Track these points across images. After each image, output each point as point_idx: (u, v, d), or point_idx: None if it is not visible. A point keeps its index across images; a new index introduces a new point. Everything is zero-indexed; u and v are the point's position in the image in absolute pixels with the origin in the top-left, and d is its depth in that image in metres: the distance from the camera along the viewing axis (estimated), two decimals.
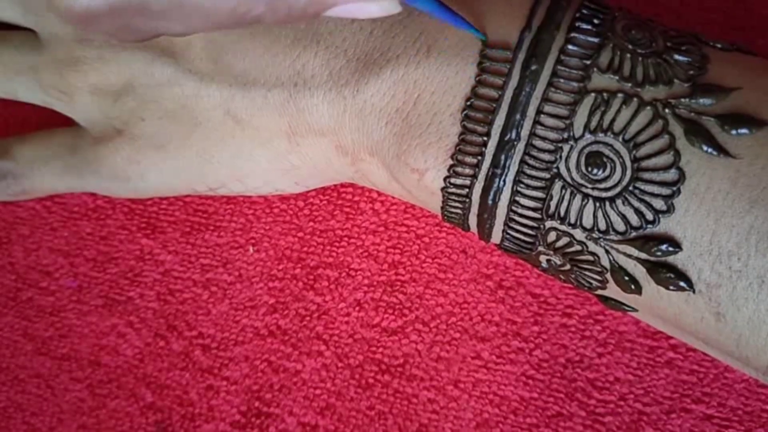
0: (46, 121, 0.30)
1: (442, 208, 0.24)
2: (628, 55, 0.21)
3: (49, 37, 0.27)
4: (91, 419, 0.29)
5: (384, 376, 0.28)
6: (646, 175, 0.20)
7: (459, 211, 0.24)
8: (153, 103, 0.26)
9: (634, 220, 0.21)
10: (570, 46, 0.21)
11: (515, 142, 0.22)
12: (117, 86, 0.26)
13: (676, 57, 0.21)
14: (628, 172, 0.20)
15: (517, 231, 0.23)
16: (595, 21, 0.22)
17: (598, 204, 0.21)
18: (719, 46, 0.22)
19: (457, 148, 0.22)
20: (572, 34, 0.21)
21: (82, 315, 0.29)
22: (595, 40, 0.21)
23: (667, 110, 0.20)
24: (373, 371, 0.28)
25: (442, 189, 0.23)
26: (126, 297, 0.29)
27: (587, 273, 0.23)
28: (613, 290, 0.23)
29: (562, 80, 0.21)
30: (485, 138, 0.22)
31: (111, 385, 0.29)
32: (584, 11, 0.22)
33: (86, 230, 0.30)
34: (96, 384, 0.29)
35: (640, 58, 0.21)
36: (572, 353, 0.27)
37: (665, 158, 0.20)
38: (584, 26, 0.21)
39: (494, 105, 0.22)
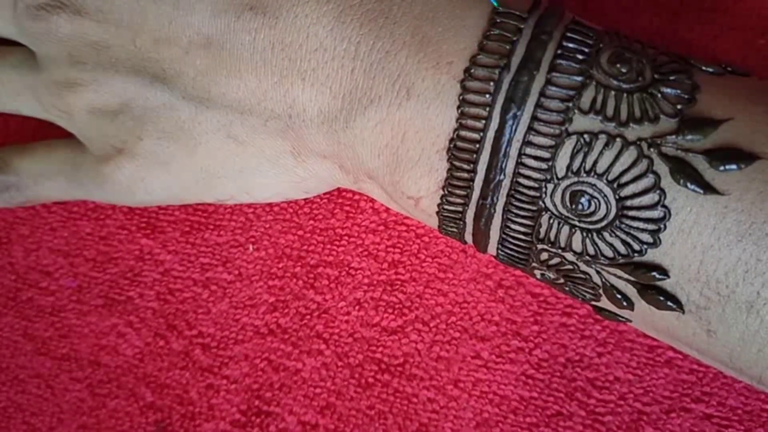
0: (42, 125, 0.30)
1: (439, 227, 0.24)
2: (612, 93, 0.20)
3: (45, 57, 0.27)
4: (91, 419, 0.29)
5: (384, 376, 0.28)
6: (632, 213, 0.20)
7: (455, 230, 0.24)
8: (150, 123, 0.26)
9: (622, 249, 0.20)
10: (550, 88, 0.21)
11: (501, 179, 0.21)
12: (114, 107, 0.26)
13: (664, 90, 0.20)
14: (613, 210, 0.20)
15: (511, 250, 0.23)
16: (578, 56, 0.21)
17: (585, 234, 0.21)
18: (711, 70, 0.21)
19: (447, 181, 0.22)
20: (553, 74, 0.21)
21: (81, 315, 0.29)
22: (578, 79, 0.21)
23: (652, 149, 0.20)
24: (373, 370, 0.28)
25: (437, 213, 0.24)
26: (126, 297, 0.29)
27: (581, 287, 0.23)
28: (606, 303, 0.23)
29: (542, 124, 0.21)
30: (472, 174, 0.22)
31: (111, 384, 0.29)
32: (567, 44, 0.21)
33: (86, 230, 0.30)
34: (96, 384, 0.29)
35: (624, 95, 0.20)
36: (572, 353, 0.27)
37: (650, 197, 0.20)
38: (566, 64, 0.21)
39: (477, 146, 0.21)
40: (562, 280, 0.23)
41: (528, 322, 0.27)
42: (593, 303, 0.23)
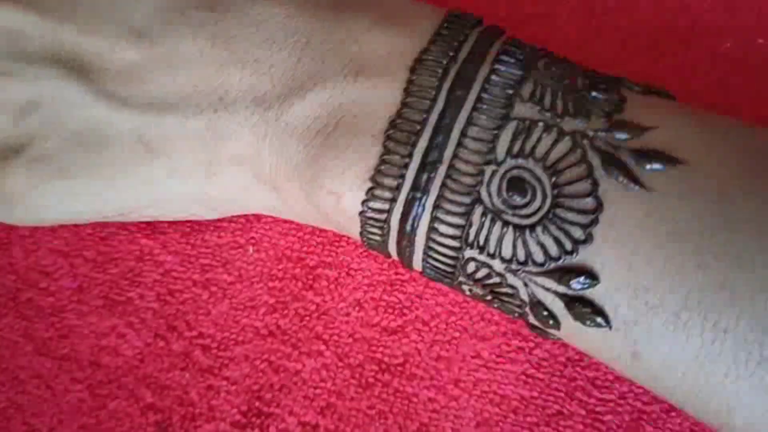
0: None
1: (360, 233, 0.24)
2: (549, 89, 0.21)
3: None
4: (91, 420, 0.28)
5: (384, 376, 0.28)
6: (566, 202, 0.20)
7: (378, 237, 0.23)
8: (59, 123, 0.24)
9: (553, 250, 0.20)
10: (494, 77, 0.22)
11: (437, 165, 0.22)
12: (21, 103, 0.24)
13: (594, 95, 0.21)
14: (548, 199, 0.21)
15: (437, 260, 0.23)
16: (519, 56, 0.22)
17: (517, 233, 0.21)
18: (637, 89, 0.22)
19: (377, 169, 0.22)
20: (496, 66, 0.22)
21: (82, 315, 0.29)
22: (518, 72, 0.22)
23: (585, 141, 0.21)
24: (373, 371, 0.28)
25: (360, 213, 0.23)
26: (126, 297, 0.29)
27: (508, 304, 0.23)
28: (535, 320, 0.23)
29: (486, 106, 0.21)
30: (407, 160, 0.22)
31: (111, 385, 0.29)
32: (509, 47, 0.23)
33: (86, 231, 0.30)
34: (96, 384, 0.29)
35: (560, 93, 0.21)
36: (572, 352, 0.27)
37: (584, 186, 0.20)
38: (507, 59, 0.22)
39: (419, 127, 0.22)
40: (489, 297, 0.23)
41: None
42: (526, 319, 0.23)
